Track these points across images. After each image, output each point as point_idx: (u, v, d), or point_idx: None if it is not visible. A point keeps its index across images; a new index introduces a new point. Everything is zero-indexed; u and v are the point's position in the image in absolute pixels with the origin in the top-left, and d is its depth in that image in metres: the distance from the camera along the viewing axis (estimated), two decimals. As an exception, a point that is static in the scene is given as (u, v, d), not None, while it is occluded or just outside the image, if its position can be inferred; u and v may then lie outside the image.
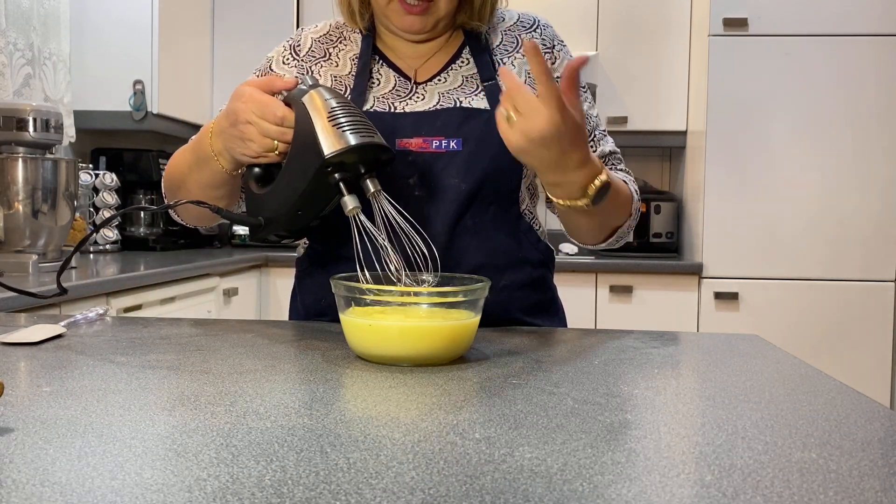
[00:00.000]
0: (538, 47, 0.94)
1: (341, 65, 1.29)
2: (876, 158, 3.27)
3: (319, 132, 1.01)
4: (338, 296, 0.96)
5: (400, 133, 1.21)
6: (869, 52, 3.25)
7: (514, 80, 0.98)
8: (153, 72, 3.15)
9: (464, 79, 1.27)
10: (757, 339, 1.15)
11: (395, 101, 1.25)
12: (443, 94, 1.26)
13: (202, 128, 1.19)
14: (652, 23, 3.59)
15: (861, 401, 0.79)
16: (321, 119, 1.02)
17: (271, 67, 1.31)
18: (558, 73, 1.29)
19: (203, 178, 1.19)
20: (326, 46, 1.31)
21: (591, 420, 0.69)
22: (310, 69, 1.29)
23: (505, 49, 1.29)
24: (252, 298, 3.33)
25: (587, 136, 1.03)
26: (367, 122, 1.05)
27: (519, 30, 1.31)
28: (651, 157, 3.98)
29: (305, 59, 1.30)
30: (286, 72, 1.29)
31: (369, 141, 1.03)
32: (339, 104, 1.03)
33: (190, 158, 1.21)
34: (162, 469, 0.54)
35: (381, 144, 1.04)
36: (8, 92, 2.68)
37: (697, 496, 0.52)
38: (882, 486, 0.54)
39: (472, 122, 1.22)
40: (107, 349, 0.98)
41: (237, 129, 1.06)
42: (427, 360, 0.92)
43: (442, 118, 1.23)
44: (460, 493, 0.51)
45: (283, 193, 1.07)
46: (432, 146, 1.21)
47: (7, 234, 2.17)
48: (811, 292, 3.29)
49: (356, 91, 1.25)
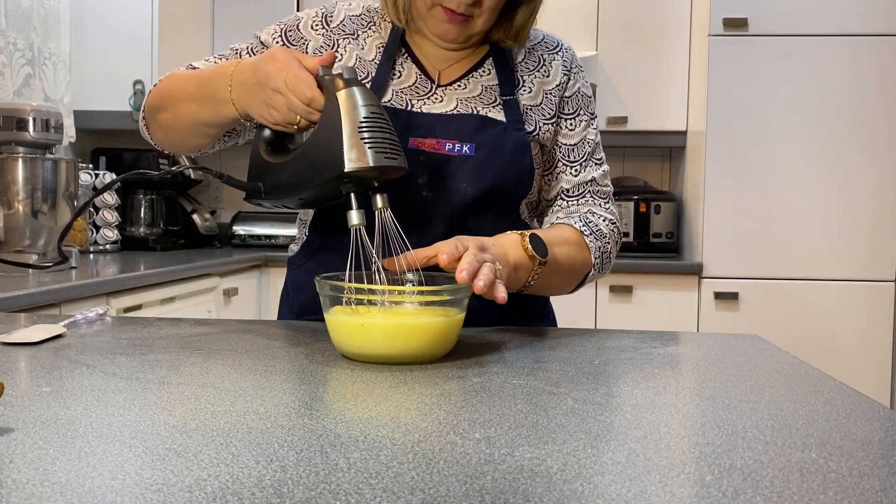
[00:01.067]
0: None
1: (367, 49, 1.28)
2: (876, 158, 3.27)
3: (346, 140, 1.00)
4: (323, 295, 0.96)
5: (414, 132, 1.21)
6: (869, 52, 3.25)
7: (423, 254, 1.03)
8: (153, 72, 3.15)
9: (483, 88, 1.27)
10: (757, 339, 1.15)
11: (413, 99, 1.25)
12: (461, 100, 1.26)
13: (217, 66, 1.17)
14: (652, 23, 3.58)
15: (861, 401, 0.79)
16: (350, 126, 1.00)
17: (298, 27, 1.28)
18: (570, 95, 1.31)
19: (202, 115, 1.18)
20: (357, 27, 1.29)
21: (591, 420, 0.69)
22: (337, 42, 1.27)
23: (526, 67, 1.30)
24: (252, 298, 3.33)
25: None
26: (394, 138, 1.03)
27: (542, 50, 1.32)
28: (651, 157, 3.98)
29: (335, 32, 1.28)
30: (313, 37, 1.27)
31: (392, 164, 1.01)
32: (371, 115, 1.01)
33: (192, 90, 1.19)
34: (162, 469, 0.54)
35: (402, 167, 1.03)
36: (8, 92, 2.68)
37: (697, 496, 0.52)
38: (882, 486, 0.54)
39: (488, 130, 1.23)
40: (107, 349, 0.98)
41: (264, 91, 1.05)
42: (414, 359, 0.93)
43: (458, 123, 1.23)
44: (460, 493, 0.51)
45: (292, 177, 1.07)
46: (445, 148, 1.22)
47: (7, 234, 2.17)
48: (811, 292, 3.29)
49: (376, 82, 1.25)
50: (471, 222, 1.22)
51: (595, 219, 1.29)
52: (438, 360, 0.95)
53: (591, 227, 1.27)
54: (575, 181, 1.31)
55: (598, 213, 1.30)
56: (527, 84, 1.29)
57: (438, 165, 1.21)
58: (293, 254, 1.35)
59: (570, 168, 1.31)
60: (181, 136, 1.25)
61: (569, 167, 1.31)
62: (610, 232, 1.30)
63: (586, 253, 1.25)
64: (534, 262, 1.13)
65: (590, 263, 1.26)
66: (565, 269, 1.22)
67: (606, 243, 1.28)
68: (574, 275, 1.26)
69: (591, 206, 1.31)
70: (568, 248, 1.22)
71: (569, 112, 1.31)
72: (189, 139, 1.25)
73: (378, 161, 1.00)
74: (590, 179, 1.32)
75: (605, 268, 1.30)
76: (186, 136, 1.24)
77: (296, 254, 1.34)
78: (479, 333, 1.14)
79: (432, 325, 0.93)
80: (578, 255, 1.24)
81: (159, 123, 1.26)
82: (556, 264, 1.18)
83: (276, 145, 1.11)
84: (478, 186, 1.21)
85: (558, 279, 1.22)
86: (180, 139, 1.26)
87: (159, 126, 1.27)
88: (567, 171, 1.31)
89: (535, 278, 1.14)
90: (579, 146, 1.31)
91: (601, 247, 1.27)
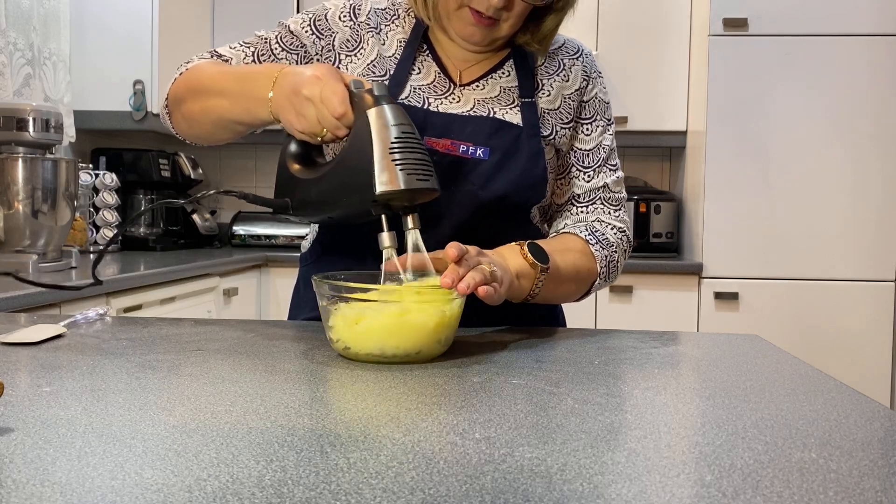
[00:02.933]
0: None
1: (388, 44, 1.27)
2: (876, 158, 3.27)
3: (376, 162, 0.98)
4: (320, 295, 0.96)
5: (429, 131, 1.21)
6: (868, 52, 3.25)
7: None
8: (153, 72, 3.15)
9: (501, 90, 1.27)
10: (757, 339, 1.15)
11: (431, 97, 1.24)
12: (479, 100, 1.25)
13: (259, 66, 1.16)
14: (652, 23, 3.59)
15: (861, 401, 0.79)
16: (381, 146, 0.98)
17: (326, 17, 1.27)
18: (588, 100, 1.31)
19: (233, 112, 1.16)
20: (380, 20, 1.28)
21: (591, 420, 0.69)
22: (362, 36, 1.26)
23: (547, 71, 1.29)
24: (252, 298, 3.33)
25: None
26: (426, 158, 1.02)
27: (562, 55, 1.31)
28: (651, 157, 3.98)
29: (361, 27, 1.27)
30: (340, 29, 1.26)
31: (424, 185, 1.00)
32: (402, 135, 1.00)
33: (227, 85, 1.17)
34: (162, 469, 0.54)
35: (435, 189, 1.02)
36: (8, 92, 2.68)
37: (697, 496, 0.52)
38: (882, 486, 0.54)
39: (503, 135, 1.23)
40: (107, 349, 0.98)
41: (298, 97, 1.04)
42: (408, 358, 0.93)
43: (473, 125, 1.22)
44: (460, 493, 0.51)
45: (321, 196, 1.05)
46: (459, 150, 1.21)
47: (7, 234, 2.17)
48: (811, 292, 3.29)
49: (395, 79, 1.24)
50: (480, 226, 1.22)
51: (602, 227, 1.28)
52: (438, 359, 0.95)
53: (597, 236, 1.26)
54: (587, 187, 1.31)
55: (606, 221, 1.30)
56: (546, 88, 1.28)
57: (451, 167, 1.20)
58: (305, 250, 1.35)
59: (583, 173, 1.31)
60: (207, 130, 1.24)
61: (582, 172, 1.31)
62: (618, 241, 1.29)
63: (591, 261, 1.24)
64: (535, 270, 1.12)
65: (595, 272, 1.25)
66: (570, 276, 1.21)
67: (613, 252, 1.27)
68: (580, 283, 1.25)
69: (600, 214, 1.30)
70: (572, 255, 1.22)
71: (586, 117, 1.31)
72: (215, 133, 1.25)
73: (410, 184, 0.98)
74: (601, 186, 1.31)
75: (612, 276, 1.29)
76: (213, 131, 1.24)
77: (307, 250, 1.34)
78: (479, 333, 1.14)
79: (426, 323, 0.93)
80: (583, 263, 1.23)
81: (184, 114, 1.25)
82: (560, 272, 1.17)
83: (302, 158, 1.10)
84: (489, 191, 1.21)
85: (564, 287, 1.22)
86: (207, 132, 1.25)
87: (184, 117, 1.25)
88: (580, 176, 1.31)
89: (538, 287, 1.13)
90: (594, 152, 1.31)
91: (607, 255, 1.26)
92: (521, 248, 1.13)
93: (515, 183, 1.22)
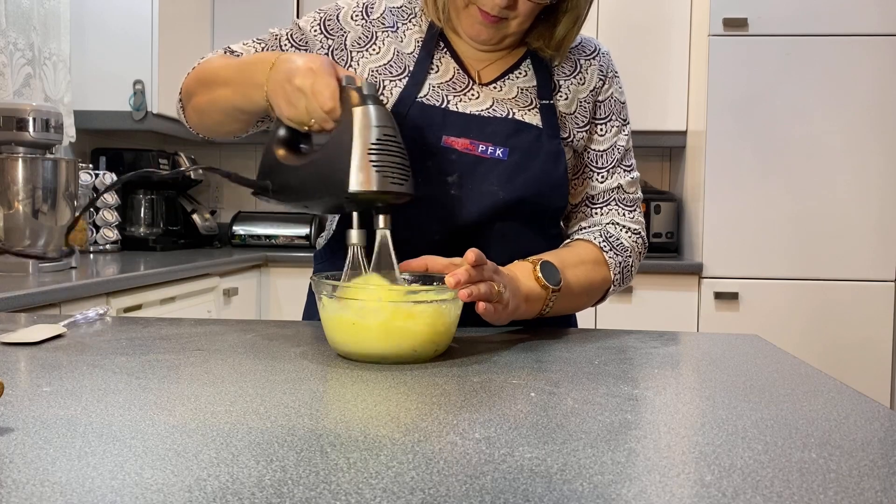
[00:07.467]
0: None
1: (405, 42, 1.27)
2: (876, 158, 3.27)
3: (354, 161, 1.00)
4: (318, 294, 0.96)
5: (448, 130, 1.21)
6: (869, 52, 3.25)
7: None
8: (153, 72, 3.15)
9: (519, 90, 1.26)
10: (757, 339, 1.15)
11: (450, 95, 1.24)
12: (497, 100, 1.25)
13: (256, 55, 1.17)
14: (652, 23, 3.59)
15: (861, 401, 0.79)
16: (361, 146, 1.00)
17: (338, 17, 1.28)
18: (604, 100, 1.31)
19: (235, 99, 1.17)
20: (397, 19, 1.28)
21: (591, 420, 0.69)
22: (375, 34, 1.26)
23: (563, 72, 1.29)
24: (252, 298, 3.33)
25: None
26: (404, 163, 1.03)
27: (579, 54, 1.31)
28: (651, 157, 3.98)
29: (374, 24, 1.27)
30: (353, 28, 1.27)
31: (396, 189, 1.01)
32: (383, 136, 1.01)
33: (229, 74, 1.19)
34: (162, 469, 0.54)
35: (408, 194, 1.03)
36: (8, 92, 2.68)
37: (697, 496, 0.52)
38: (882, 486, 0.54)
39: (522, 135, 1.22)
40: (107, 349, 0.98)
41: (290, 86, 1.04)
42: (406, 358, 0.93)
43: (492, 125, 1.22)
44: (460, 493, 0.51)
45: (300, 185, 1.07)
46: (478, 150, 1.21)
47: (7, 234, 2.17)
48: (811, 292, 3.29)
49: (414, 78, 1.24)
50: (498, 226, 1.21)
51: (616, 231, 1.28)
52: (438, 359, 0.95)
53: (611, 242, 1.26)
54: (601, 188, 1.30)
55: (620, 223, 1.29)
56: (563, 91, 1.28)
57: (469, 166, 1.20)
58: (320, 248, 1.35)
59: (597, 174, 1.30)
60: (216, 120, 1.26)
61: (596, 173, 1.30)
62: (632, 244, 1.28)
63: (605, 270, 1.24)
64: (547, 291, 1.12)
65: (609, 280, 1.25)
66: (582, 291, 1.21)
67: (628, 257, 1.27)
68: (592, 294, 1.25)
69: (615, 216, 1.30)
70: (584, 268, 1.21)
71: (601, 117, 1.30)
72: (224, 124, 1.26)
73: (383, 186, 1.00)
74: (616, 186, 1.31)
75: (627, 280, 1.29)
76: (222, 121, 1.25)
77: (322, 248, 1.34)
78: (479, 333, 1.14)
79: (423, 325, 0.93)
80: (596, 273, 1.23)
81: (194, 107, 1.27)
82: (571, 288, 1.17)
83: (290, 144, 1.11)
84: (509, 191, 1.20)
85: (576, 301, 1.22)
86: (216, 123, 1.27)
87: (194, 110, 1.27)
88: (594, 176, 1.30)
89: (549, 306, 1.14)
90: (608, 152, 1.31)
91: (622, 261, 1.26)
92: (533, 269, 1.13)
93: (535, 184, 1.21)
